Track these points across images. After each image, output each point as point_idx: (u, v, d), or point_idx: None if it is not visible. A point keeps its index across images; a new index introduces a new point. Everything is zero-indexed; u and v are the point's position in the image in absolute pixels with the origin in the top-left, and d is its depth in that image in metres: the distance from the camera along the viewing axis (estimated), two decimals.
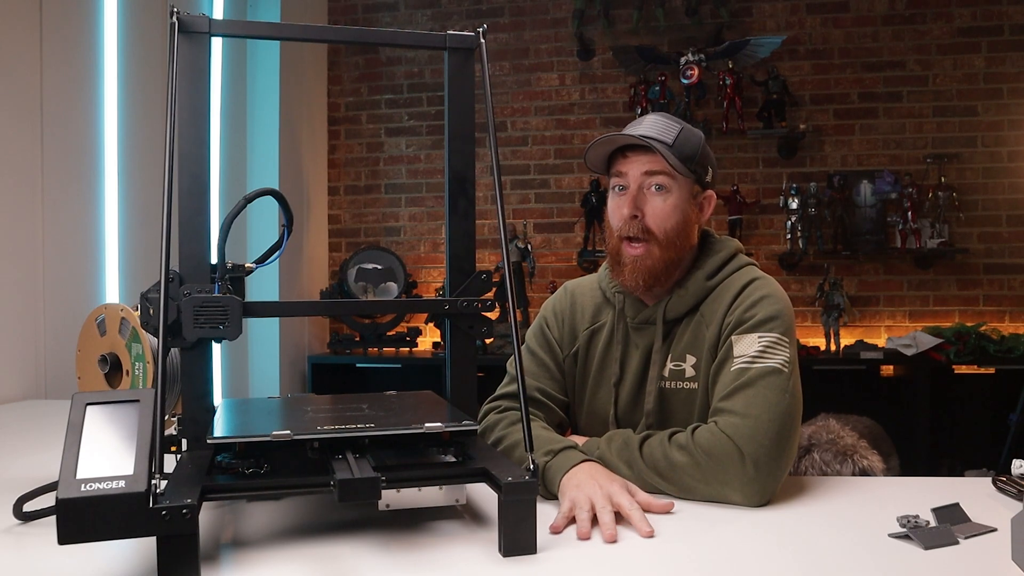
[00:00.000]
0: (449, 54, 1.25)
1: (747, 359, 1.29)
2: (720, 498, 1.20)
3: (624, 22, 4.28)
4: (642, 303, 1.46)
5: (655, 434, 1.28)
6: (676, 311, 1.42)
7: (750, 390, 1.25)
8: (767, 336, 1.30)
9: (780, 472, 1.20)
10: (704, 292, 1.42)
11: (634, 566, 0.93)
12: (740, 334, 1.32)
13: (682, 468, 1.21)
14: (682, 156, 1.38)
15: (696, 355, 1.39)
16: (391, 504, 0.99)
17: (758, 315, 1.33)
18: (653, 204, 1.39)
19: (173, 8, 1.09)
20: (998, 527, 1.03)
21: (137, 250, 2.84)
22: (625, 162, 1.41)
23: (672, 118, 1.44)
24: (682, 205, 1.40)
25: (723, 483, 1.19)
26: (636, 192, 1.40)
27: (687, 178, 1.40)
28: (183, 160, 1.12)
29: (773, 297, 1.36)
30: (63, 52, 2.53)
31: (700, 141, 1.43)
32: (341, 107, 4.58)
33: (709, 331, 1.38)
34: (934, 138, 4.05)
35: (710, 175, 1.45)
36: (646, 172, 1.39)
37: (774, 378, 1.26)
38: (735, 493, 1.19)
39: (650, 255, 1.39)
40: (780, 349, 1.29)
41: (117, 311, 1.25)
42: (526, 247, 4.25)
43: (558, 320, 1.55)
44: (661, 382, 1.41)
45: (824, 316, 3.94)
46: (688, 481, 1.21)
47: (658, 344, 1.42)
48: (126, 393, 0.93)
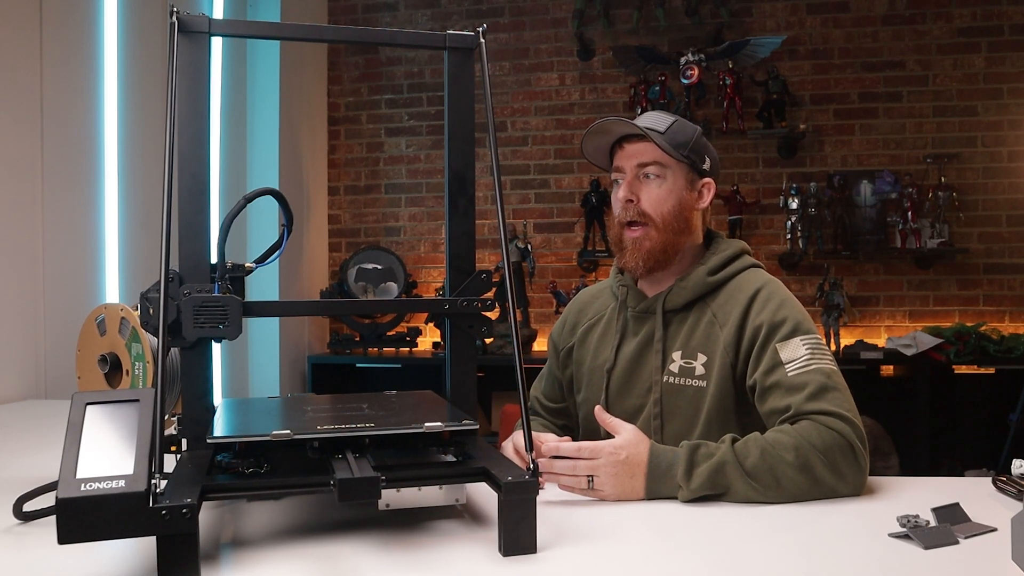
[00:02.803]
0: (449, 54, 1.25)
1: (803, 361, 1.32)
2: (828, 493, 1.20)
3: (624, 22, 4.28)
4: (643, 295, 1.51)
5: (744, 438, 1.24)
6: (675, 303, 1.46)
7: (835, 392, 1.28)
8: (808, 339, 1.35)
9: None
10: (704, 287, 1.45)
11: (634, 566, 0.93)
12: (782, 341, 1.35)
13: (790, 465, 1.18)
14: (675, 143, 1.44)
15: (708, 354, 1.42)
16: (391, 504, 0.99)
17: (789, 319, 1.37)
18: (648, 189, 1.46)
19: (173, 8, 1.09)
20: (998, 527, 1.03)
21: (137, 250, 2.84)
22: (621, 154, 1.49)
23: (669, 113, 1.51)
24: (677, 190, 1.46)
25: (838, 478, 1.19)
26: (632, 179, 1.47)
27: (681, 163, 1.46)
28: (183, 160, 1.12)
29: (790, 301, 1.42)
30: (63, 52, 2.53)
31: (695, 131, 1.49)
32: (341, 107, 4.58)
33: (724, 332, 1.41)
34: (934, 138, 4.05)
35: (708, 164, 1.50)
36: (639, 163, 1.46)
37: (839, 377, 1.31)
38: (847, 486, 1.20)
39: (648, 237, 1.45)
40: (824, 350, 1.35)
41: (117, 311, 1.25)
42: (526, 247, 4.24)
43: (562, 322, 1.66)
44: (668, 377, 1.43)
45: (824, 316, 3.93)
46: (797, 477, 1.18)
47: (658, 334, 1.45)
48: (126, 393, 0.93)
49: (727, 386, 1.39)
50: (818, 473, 1.18)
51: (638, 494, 1.19)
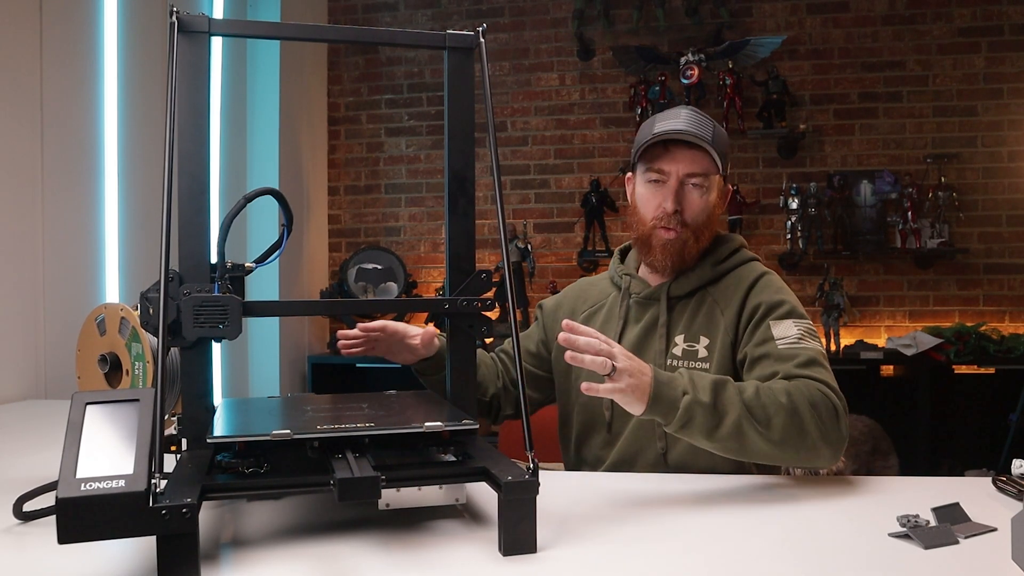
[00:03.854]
0: (449, 54, 1.25)
1: (792, 339, 1.34)
2: (807, 450, 1.21)
3: (624, 22, 4.28)
4: (646, 283, 1.53)
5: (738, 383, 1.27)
6: (680, 290, 1.49)
7: (820, 367, 1.30)
8: (801, 323, 1.38)
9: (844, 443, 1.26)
10: (709, 276, 1.49)
11: (634, 566, 0.93)
12: (776, 319, 1.38)
13: (782, 408, 1.20)
14: (719, 152, 1.45)
15: (710, 337, 1.45)
16: (391, 503, 1.00)
17: (786, 303, 1.40)
18: (692, 199, 1.46)
19: (173, 8, 1.09)
20: (998, 527, 1.02)
21: (137, 250, 2.84)
22: (667, 157, 1.45)
23: (702, 113, 1.49)
24: (714, 199, 1.49)
25: (820, 434, 1.21)
26: (677, 187, 1.45)
27: (720, 174, 1.48)
28: (183, 160, 1.12)
29: (788, 290, 1.46)
30: (63, 52, 2.53)
31: (726, 137, 1.50)
32: (341, 107, 4.58)
33: (726, 315, 1.44)
34: (934, 138, 4.05)
35: (728, 168, 1.54)
36: (689, 173, 1.44)
37: (825, 361, 1.33)
38: (826, 447, 1.22)
39: (682, 240, 1.46)
40: (815, 337, 1.38)
41: (117, 311, 1.25)
42: (526, 247, 4.25)
43: (555, 303, 1.65)
44: (672, 360, 1.45)
45: (824, 316, 3.94)
46: (786, 422, 1.20)
47: (663, 319, 1.48)
48: (126, 393, 0.93)
49: (729, 367, 1.43)
50: (806, 422, 1.21)
51: (645, 391, 1.18)
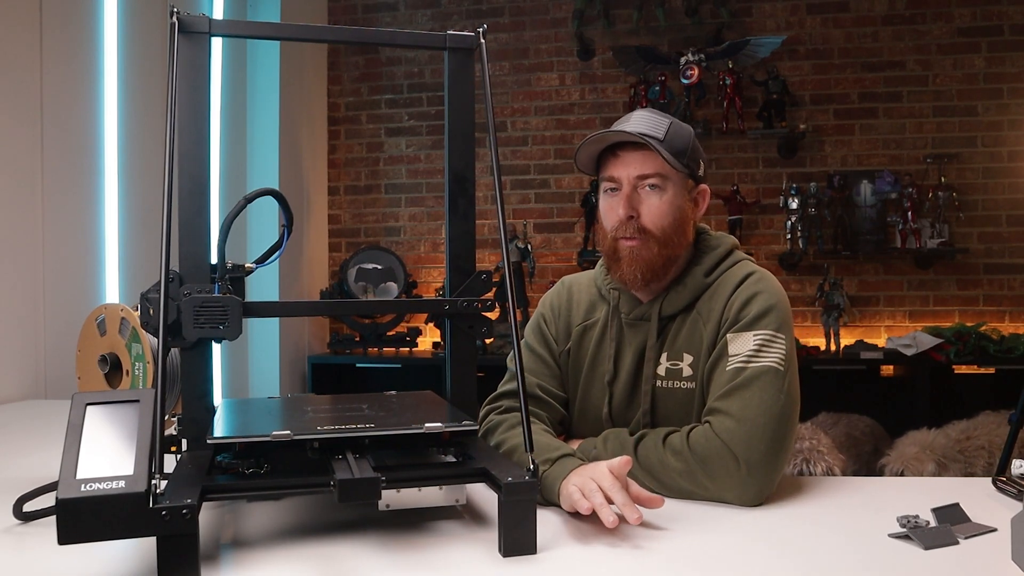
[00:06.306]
0: (449, 54, 1.25)
1: (742, 358, 1.27)
2: (715, 499, 1.20)
3: (624, 22, 4.28)
4: (637, 300, 1.43)
5: (649, 434, 1.28)
6: (672, 308, 1.39)
7: (746, 391, 1.24)
8: (762, 333, 1.29)
9: (775, 473, 1.21)
10: (702, 289, 1.39)
11: (633, 566, 0.93)
12: (736, 332, 1.30)
13: (676, 472, 1.22)
14: (674, 151, 1.34)
15: (693, 354, 1.37)
16: (391, 504, 1.00)
17: (752, 311, 1.31)
18: (649, 203, 1.36)
19: (173, 8, 1.09)
20: (998, 527, 1.03)
21: (137, 250, 2.84)
22: (617, 162, 1.37)
23: (659, 112, 1.39)
24: (677, 201, 1.37)
25: (718, 486, 1.20)
26: (630, 192, 1.36)
27: (681, 173, 1.37)
28: (183, 160, 1.12)
29: (768, 292, 1.34)
30: (63, 52, 2.53)
31: (690, 134, 1.39)
32: (341, 107, 4.58)
33: (707, 329, 1.36)
34: (934, 138, 4.05)
35: (701, 169, 1.42)
36: (639, 175, 1.35)
37: (770, 378, 1.24)
38: (729, 494, 1.19)
39: (646, 247, 1.35)
40: (776, 346, 1.28)
41: (117, 311, 1.25)
42: (526, 247, 4.24)
43: (555, 315, 1.52)
44: (657, 381, 1.38)
45: (824, 316, 3.94)
46: (683, 484, 1.22)
47: (651, 341, 1.39)
48: (126, 393, 0.93)
49: None
50: (700, 481, 1.21)
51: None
